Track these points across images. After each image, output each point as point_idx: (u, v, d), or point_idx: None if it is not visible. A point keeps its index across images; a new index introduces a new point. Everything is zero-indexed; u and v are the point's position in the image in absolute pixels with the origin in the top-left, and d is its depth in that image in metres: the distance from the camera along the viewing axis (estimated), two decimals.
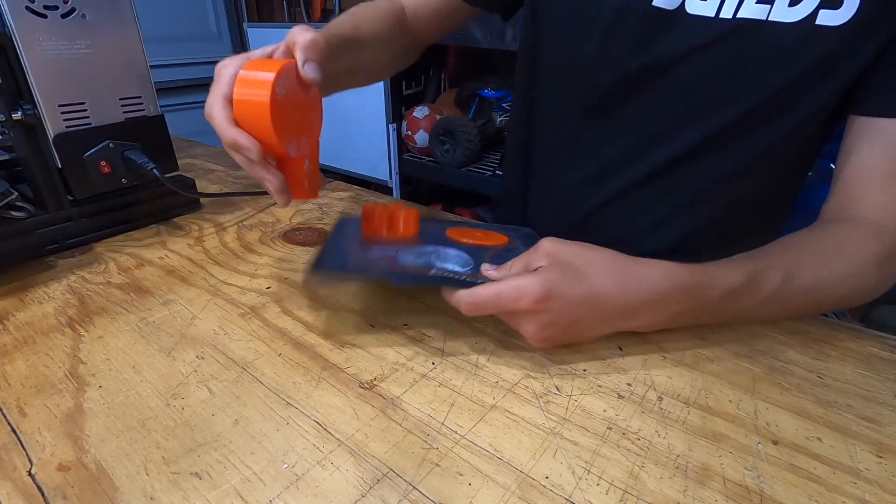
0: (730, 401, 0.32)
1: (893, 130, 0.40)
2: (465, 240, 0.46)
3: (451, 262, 0.40)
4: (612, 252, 0.35)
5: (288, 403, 0.32)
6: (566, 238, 0.36)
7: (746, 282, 0.35)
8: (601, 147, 0.54)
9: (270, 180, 0.38)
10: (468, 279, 0.37)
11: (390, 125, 1.68)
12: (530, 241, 0.52)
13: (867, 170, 0.41)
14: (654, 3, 0.44)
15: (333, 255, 0.40)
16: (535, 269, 0.34)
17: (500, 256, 0.41)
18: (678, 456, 0.28)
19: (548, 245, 0.35)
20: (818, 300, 0.39)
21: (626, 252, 0.36)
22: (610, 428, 0.30)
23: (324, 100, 0.43)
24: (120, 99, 0.53)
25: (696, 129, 0.47)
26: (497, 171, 1.50)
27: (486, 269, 0.37)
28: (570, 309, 0.33)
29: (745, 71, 0.43)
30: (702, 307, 0.36)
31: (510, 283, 0.33)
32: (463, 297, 0.34)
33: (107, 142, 0.52)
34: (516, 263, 0.37)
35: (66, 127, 0.49)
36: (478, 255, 0.42)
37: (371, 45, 0.50)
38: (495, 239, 0.48)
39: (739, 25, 0.42)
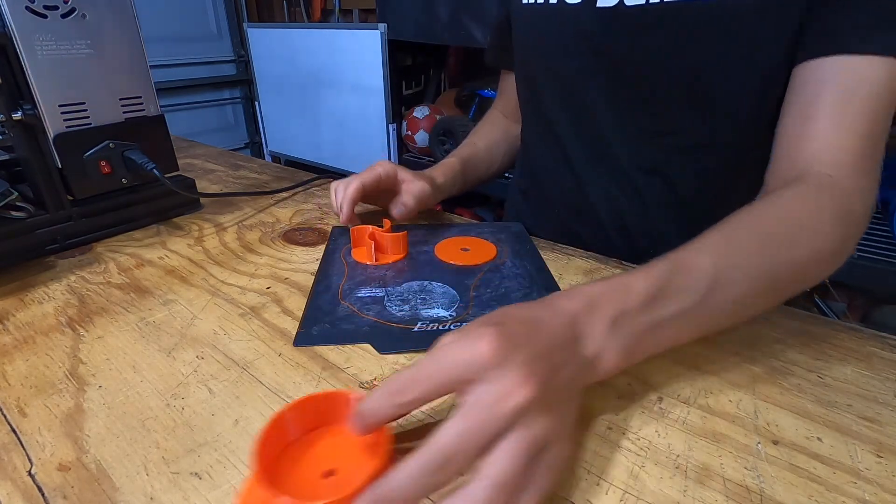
0: (730, 401, 0.32)
1: (811, 73, 0.40)
2: (452, 261, 0.49)
3: (437, 304, 0.41)
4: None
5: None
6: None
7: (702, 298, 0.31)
8: (589, 149, 0.55)
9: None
10: (452, 325, 0.38)
11: (390, 125, 1.68)
12: (518, 239, 0.53)
13: (798, 116, 0.41)
14: (598, 5, 0.47)
15: (319, 316, 0.40)
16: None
17: (487, 282, 0.45)
18: (678, 456, 0.28)
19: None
20: (789, 285, 0.36)
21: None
22: (610, 428, 0.30)
23: (325, 100, 0.44)
24: (120, 99, 0.53)
25: (675, 114, 0.48)
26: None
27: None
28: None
29: (698, 42, 0.44)
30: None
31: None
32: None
33: (107, 142, 0.52)
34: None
35: (66, 127, 0.49)
36: (464, 284, 0.44)
37: (487, 152, 0.68)
38: (483, 252, 0.50)
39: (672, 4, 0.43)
